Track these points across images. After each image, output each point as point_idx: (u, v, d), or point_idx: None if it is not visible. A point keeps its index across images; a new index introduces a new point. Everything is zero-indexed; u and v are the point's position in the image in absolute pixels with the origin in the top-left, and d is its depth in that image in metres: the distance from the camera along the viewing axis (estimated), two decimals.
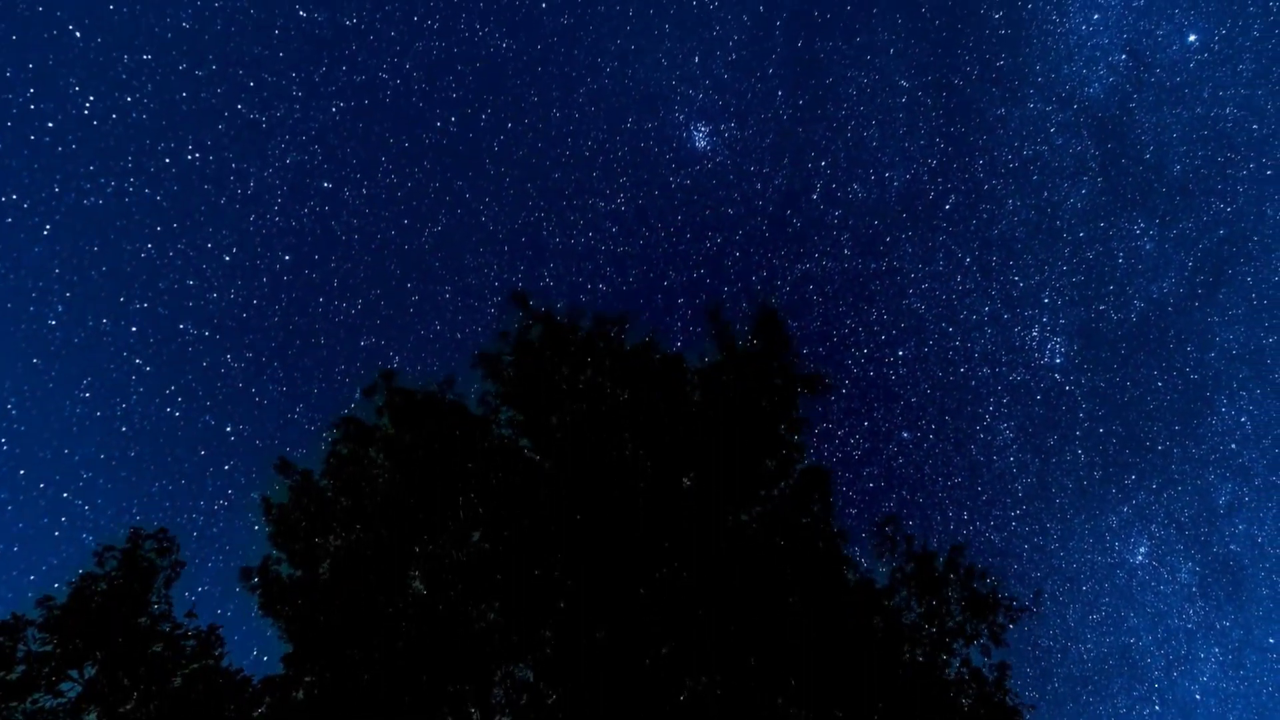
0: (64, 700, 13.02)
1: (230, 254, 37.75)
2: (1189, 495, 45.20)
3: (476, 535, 15.25)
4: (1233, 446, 44.62)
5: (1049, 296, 44.84)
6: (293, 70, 36.58)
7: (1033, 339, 45.41)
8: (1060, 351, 45.54)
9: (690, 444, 15.28)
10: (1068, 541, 45.82)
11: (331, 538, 14.98)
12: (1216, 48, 39.84)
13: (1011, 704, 15.23)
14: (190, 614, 14.62)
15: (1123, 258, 44.07)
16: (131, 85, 33.39)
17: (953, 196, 43.47)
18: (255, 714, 13.97)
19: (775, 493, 15.84)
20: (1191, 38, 39.31)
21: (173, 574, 14.48)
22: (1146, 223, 43.52)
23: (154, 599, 14.20)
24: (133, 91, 33.42)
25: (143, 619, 13.86)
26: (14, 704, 12.61)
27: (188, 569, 15.04)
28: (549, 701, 14.38)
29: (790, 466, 15.96)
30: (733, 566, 14.48)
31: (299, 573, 14.78)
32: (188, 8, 33.44)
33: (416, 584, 14.85)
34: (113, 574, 13.81)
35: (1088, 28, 39.95)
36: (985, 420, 45.92)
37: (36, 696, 12.84)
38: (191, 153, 34.96)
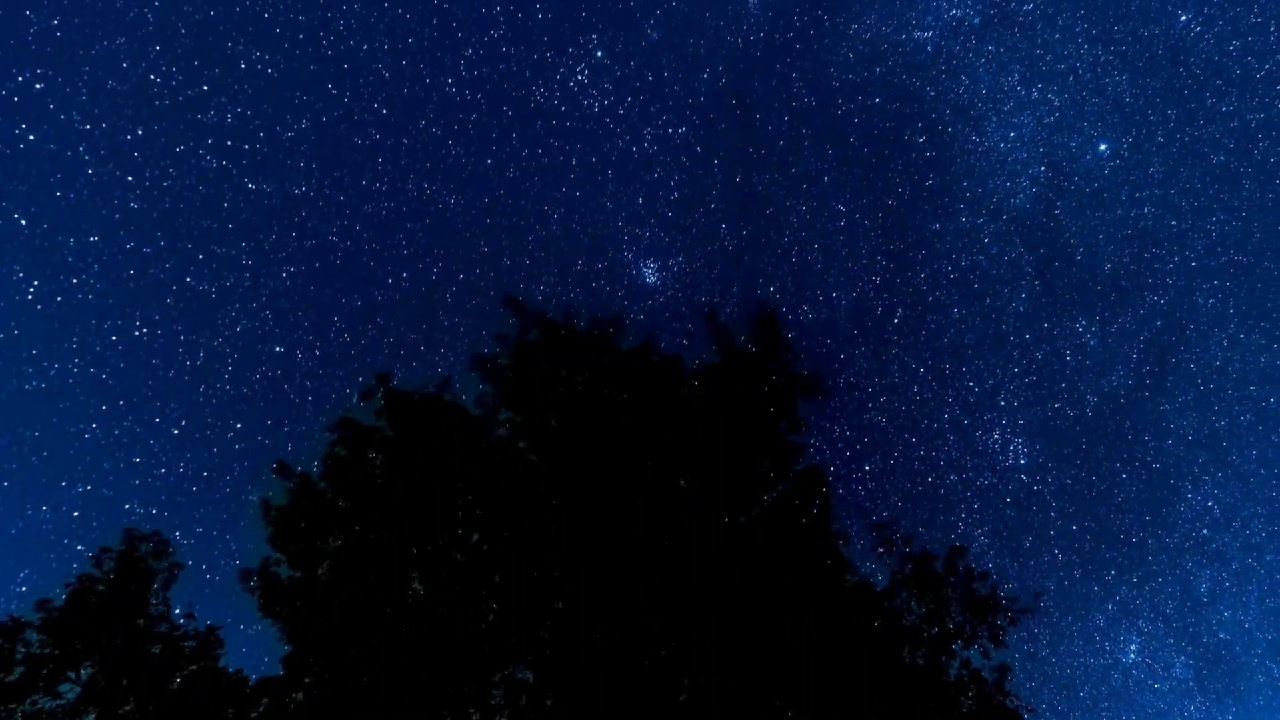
0: (63, 702, 13.03)
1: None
2: (1171, 586, 45.91)
3: (475, 536, 15.24)
4: (1205, 532, 45.48)
5: (1005, 399, 46.19)
6: (242, 240, 37.30)
7: (995, 442, 46.41)
8: (1024, 452, 46.33)
9: (688, 445, 15.26)
10: (1058, 646, 46.05)
11: (330, 539, 14.97)
12: (1126, 154, 43.26)
13: (1011, 706, 15.22)
14: (189, 615, 14.63)
15: (1070, 355, 45.76)
16: (77, 267, 33.92)
17: (900, 310, 45.38)
18: (254, 715, 13.97)
19: (774, 494, 15.83)
20: (1102, 147, 42.88)
21: (170, 576, 14.49)
22: (1087, 320, 45.53)
23: (152, 600, 14.20)
24: (79, 273, 33.89)
25: (141, 620, 13.86)
26: (13, 706, 12.62)
27: (186, 570, 15.05)
28: (548, 703, 14.38)
29: (789, 468, 15.94)
30: (732, 568, 14.47)
31: (298, 574, 14.78)
32: (135, 189, 33.94)
33: (416, 585, 14.84)
34: (110, 575, 13.81)
35: (1005, 145, 43.02)
36: (959, 529, 46.38)
37: (35, 698, 12.85)
38: (139, 328, 35.42)
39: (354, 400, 15.78)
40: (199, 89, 35.06)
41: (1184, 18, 41.53)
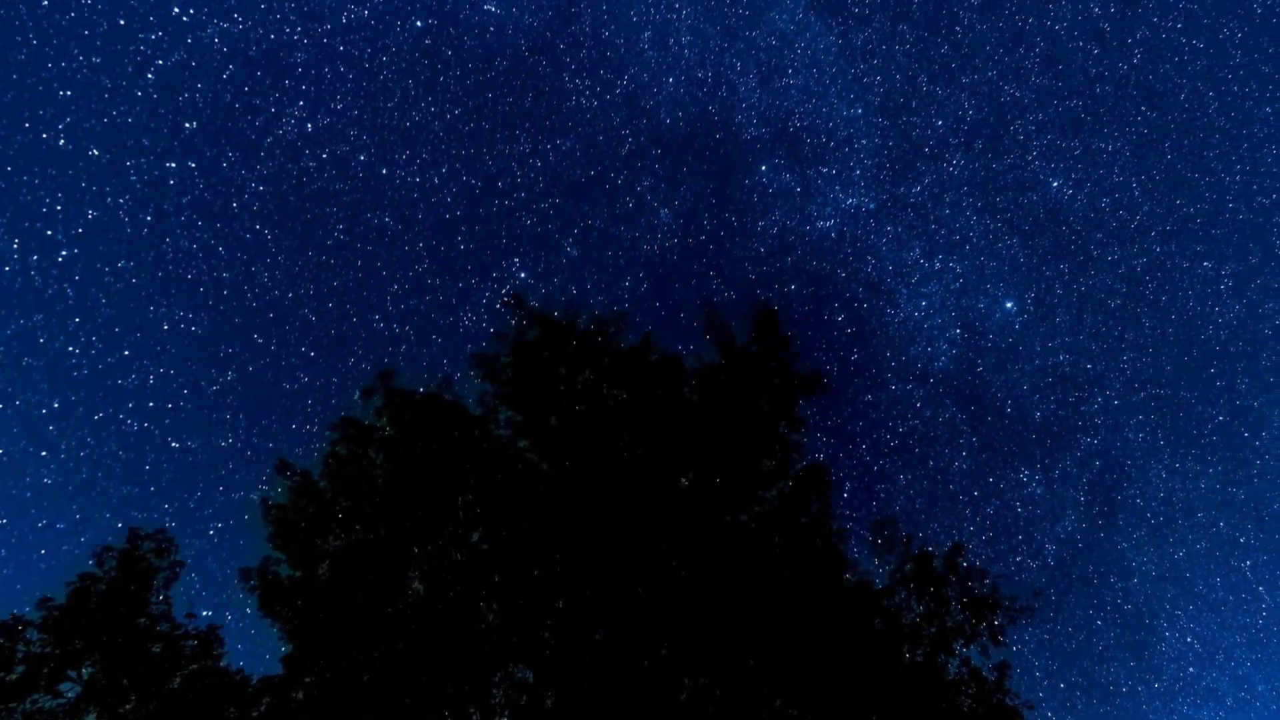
0: (63, 700, 13.00)
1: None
2: None
3: (475, 536, 15.24)
4: (1191, 670, 45.47)
5: (965, 560, 46.08)
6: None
7: None
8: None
9: (688, 444, 15.26)
10: None
11: (331, 538, 14.98)
12: (1032, 309, 46.01)
13: (1011, 704, 15.22)
14: (189, 614, 14.61)
15: (1020, 507, 46.57)
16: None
17: (848, 483, 46.13)
18: (254, 714, 13.96)
19: (774, 493, 15.83)
20: (1009, 304, 45.50)
21: (171, 574, 14.45)
22: (1030, 469, 46.66)
23: (153, 599, 14.18)
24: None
25: (142, 619, 13.84)
26: (13, 704, 12.60)
27: (187, 569, 15.03)
28: (548, 703, 14.38)
29: (789, 467, 15.94)
30: (731, 567, 14.47)
31: (298, 573, 14.78)
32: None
33: (416, 584, 14.84)
34: (111, 574, 13.80)
35: (920, 313, 44.96)
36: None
37: (36, 697, 12.82)
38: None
39: (355, 399, 15.81)
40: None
41: (1055, 183, 45.78)
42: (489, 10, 39.93)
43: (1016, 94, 45.10)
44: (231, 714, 13.86)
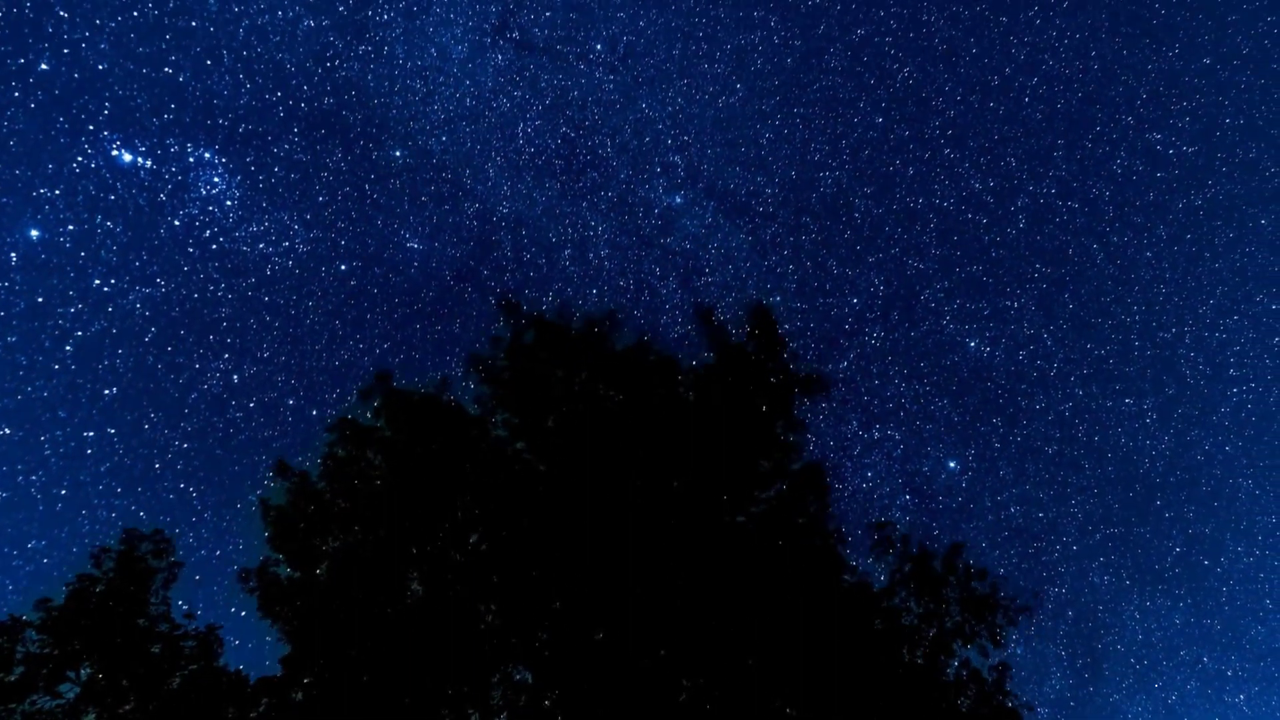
0: (62, 701, 13.04)
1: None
2: None
3: (474, 537, 15.25)
4: None
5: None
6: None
7: None
8: None
9: (685, 445, 15.25)
10: None
11: (330, 539, 15.00)
12: (974, 465, 47.55)
13: (1011, 705, 15.19)
14: (189, 615, 14.63)
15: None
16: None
17: None
18: (254, 715, 13.98)
19: (772, 493, 15.82)
20: (952, 464, 46.94)
21: (170, 575, 14.49)
22: (1006, 630, 47.44)
23: (152, 600, 14.21)
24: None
25: (141, 620, 13.87)
26: (13, 705, 12.63)
27: (186, 570, 15.06)
28: (548, 703, 14.38)
29: (786, 467, 15.92)
30: (730, 567, 14.46)
31: (297, 574, 14.80)
32: None
33: (414, 585, 14.85)
34: (110, 575, 13.83)
35: (868, 484, 45.77)
36: None
37: (35, 698, 12.85)
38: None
39: (353, 400, 15.82)
40: None
41: (973, 343, 47.99)
42: (412, 247, 41.02)
43: (920, 266, 47.90)
44: (231, 714, 13.88)
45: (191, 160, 36.52)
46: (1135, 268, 48.20)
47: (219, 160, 37.12)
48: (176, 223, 36.18)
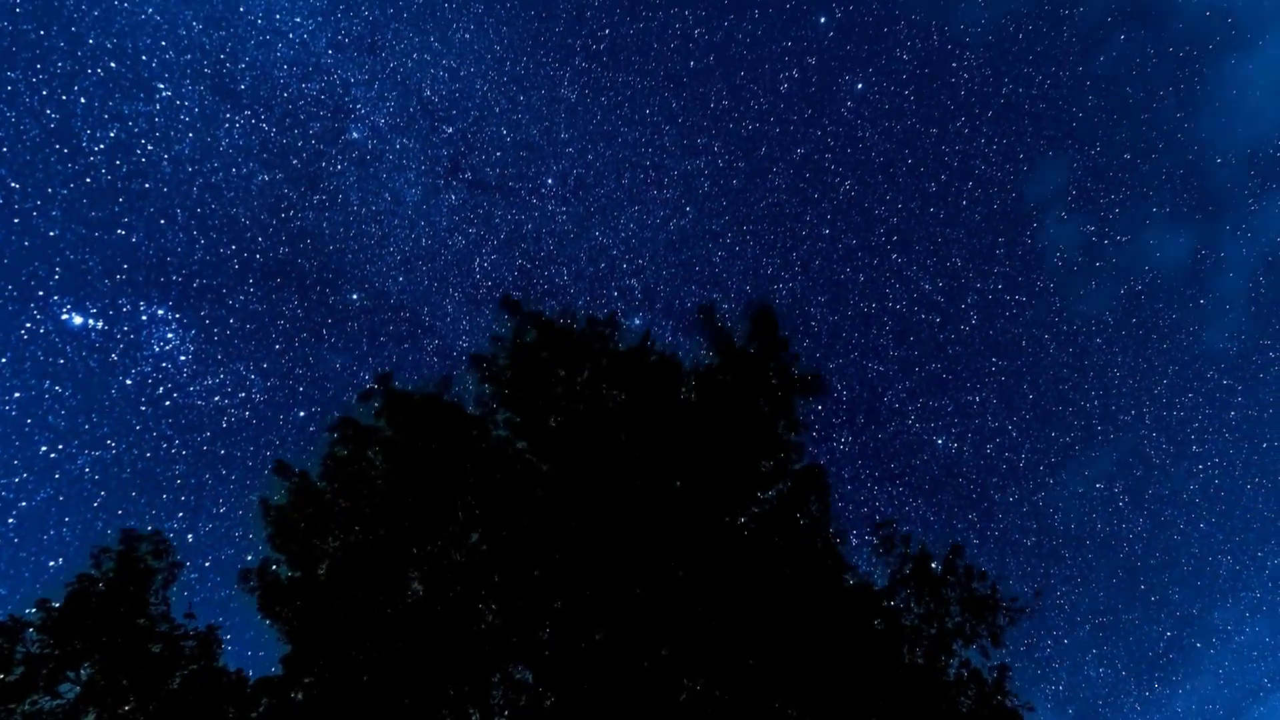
0: (62, 701, 13.00)
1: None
2: None
3: (475, 536, 15.24)
4: None
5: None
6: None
7: None
8: None
9: (687, 445, 15.26)
10: None
11: (330, 539, 14.98)
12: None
13: (1011, 706, 15.18)
14: (189, 615, 14.61)
15: None
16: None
17: None
18: (254, 715, 13.95)
19: (773, 494, 15.82)
20: (932, 565, 47.24)
21: (170, 576, 14.47)
22: None
23: (152, 600, 14.18)
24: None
25: (141, 620, 13.84)
26: (12, 705, 12.60)
27: (187, 570, 15.03)
28: (548, 703, 14.37)
29: (787, 467, 15.93)
30: (731, 568, 14.46)
31: (298, 574, 14.78)
32: None
33: (415, 585, 14.84)
34: (109, 575, 13.80)
35: None
36: None
37: (35, 698, 12.81)
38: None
39: (354, 400, 15.81)
40: None
41: (940, 440, 50.13)
42: (372, 388, 42.38)
43: (880, 369, 49.57)
44: (231, 714, 13.86)
45: (144, 318, 36.08)
46: (1087, 354, 50.03)
47: (172, 316, 36.74)
48: (128, 382, 35.70)
